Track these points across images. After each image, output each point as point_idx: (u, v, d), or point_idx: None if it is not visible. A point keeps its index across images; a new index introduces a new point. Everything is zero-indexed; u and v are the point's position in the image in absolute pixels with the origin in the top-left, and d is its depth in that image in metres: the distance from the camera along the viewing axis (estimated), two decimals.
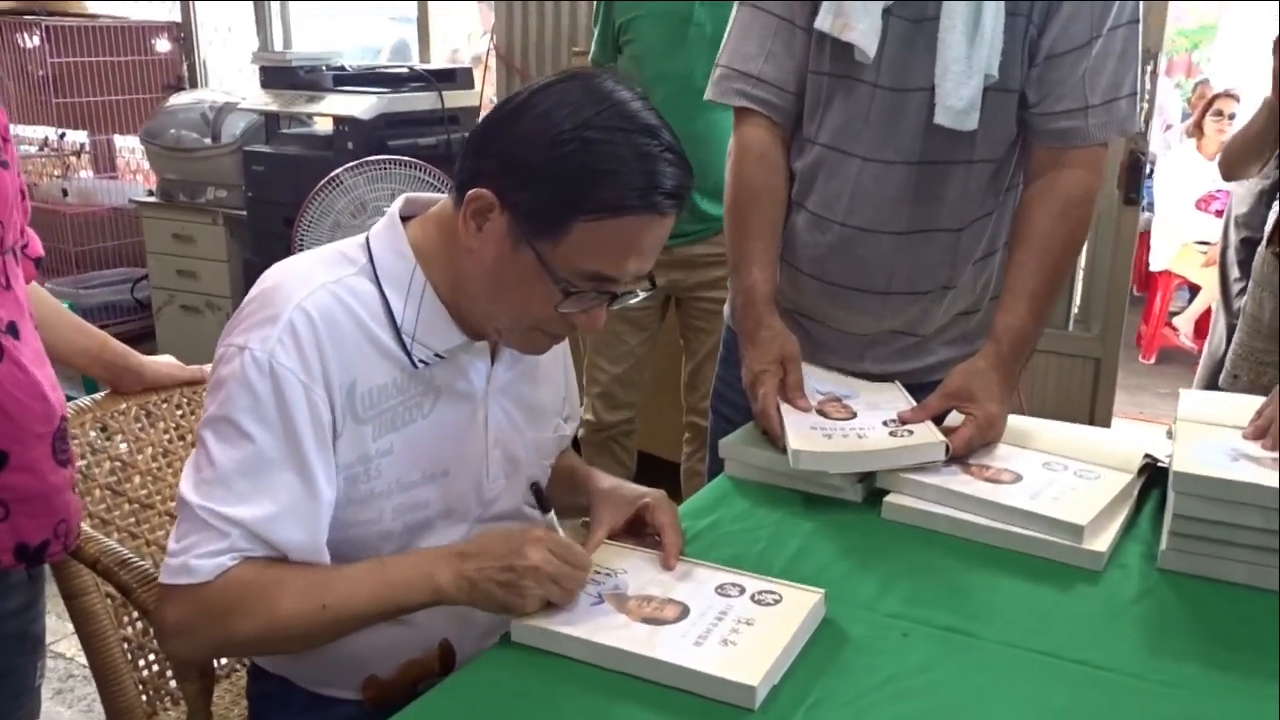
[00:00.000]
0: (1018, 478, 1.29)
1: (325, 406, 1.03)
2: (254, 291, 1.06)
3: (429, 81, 3.56)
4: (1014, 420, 1.42)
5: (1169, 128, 6.56)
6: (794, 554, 1.20)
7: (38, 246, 1.25)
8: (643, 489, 1.25)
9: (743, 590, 1.08)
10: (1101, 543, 1.18)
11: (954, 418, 1.38)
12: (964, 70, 1.34)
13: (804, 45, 1.45)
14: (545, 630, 1.01)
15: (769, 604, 1.05)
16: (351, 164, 2.80)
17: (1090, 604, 1.11)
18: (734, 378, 1.52)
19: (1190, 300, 5.50)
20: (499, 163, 1.02)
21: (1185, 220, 5.21)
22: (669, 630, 1.01)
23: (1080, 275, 3.16)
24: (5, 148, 1.08)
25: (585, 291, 1.04)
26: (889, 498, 1.28)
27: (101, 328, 1.43)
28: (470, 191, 1.03)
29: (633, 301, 1.12)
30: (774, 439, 1.35)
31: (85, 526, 1.20)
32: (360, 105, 3.39)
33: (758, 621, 1.02)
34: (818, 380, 1.48)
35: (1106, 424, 3.07)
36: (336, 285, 1.06)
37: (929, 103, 1.37)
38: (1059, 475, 1.30)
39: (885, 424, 1.35)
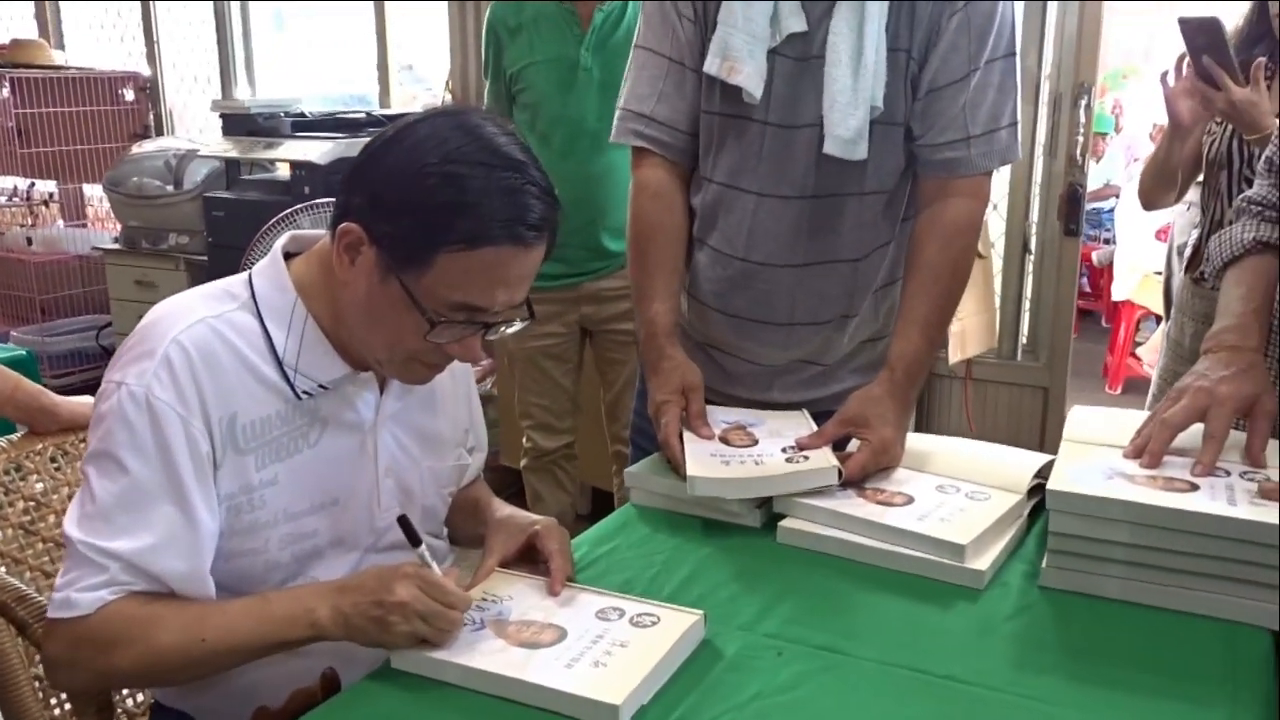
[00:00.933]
0: (909, 500, 1.31)
1: (204, 438, 1.05)
2: (136, 328, 1.09)
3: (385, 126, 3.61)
4: (915, 440, 1.45)
5: (1135, 160, 6.66)
6: (684, 578, 1.22)
7: None
8: (535, 517, 1.27)
9: (622, 614, 1.10)
10: (983, 561, 1.20)
11: (855, 444, 1.41)
12: (850, 101, 1.39)
13: (695, 86, 1.49)
14: (422, 656, 1.02)
15: (646, 625, 1.07)
16: (303, 205, 2.84)
17: (966, 621, 1.13)
18: (643, 408, 1.55)
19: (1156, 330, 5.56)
20: (368, 197, 1.06)
21: (1146, 251, 5.27)
22: (544, 653, 1.03)
23: (1027, 306, 3.21)
24: None
25: (454, 322, 1.06)
26: (783, 522, 1.31)
27: (67, 375, 1.45)
28: (341, 226, 1.06)
29: (510, 330, 1.14)
30: (676, 467, 1.37)
31: None
32: (317, 150, 3.44)
33: (632, 643, 1.04)
34: (724, 412, 1.50)
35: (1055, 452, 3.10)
36: (216, 320, 1.09)
37: (818, 137, 1.42)
38: (950, 497, 1.32)
39: (783, 450, 1.38)
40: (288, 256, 1.16)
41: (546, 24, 2.42)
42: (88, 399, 1.54)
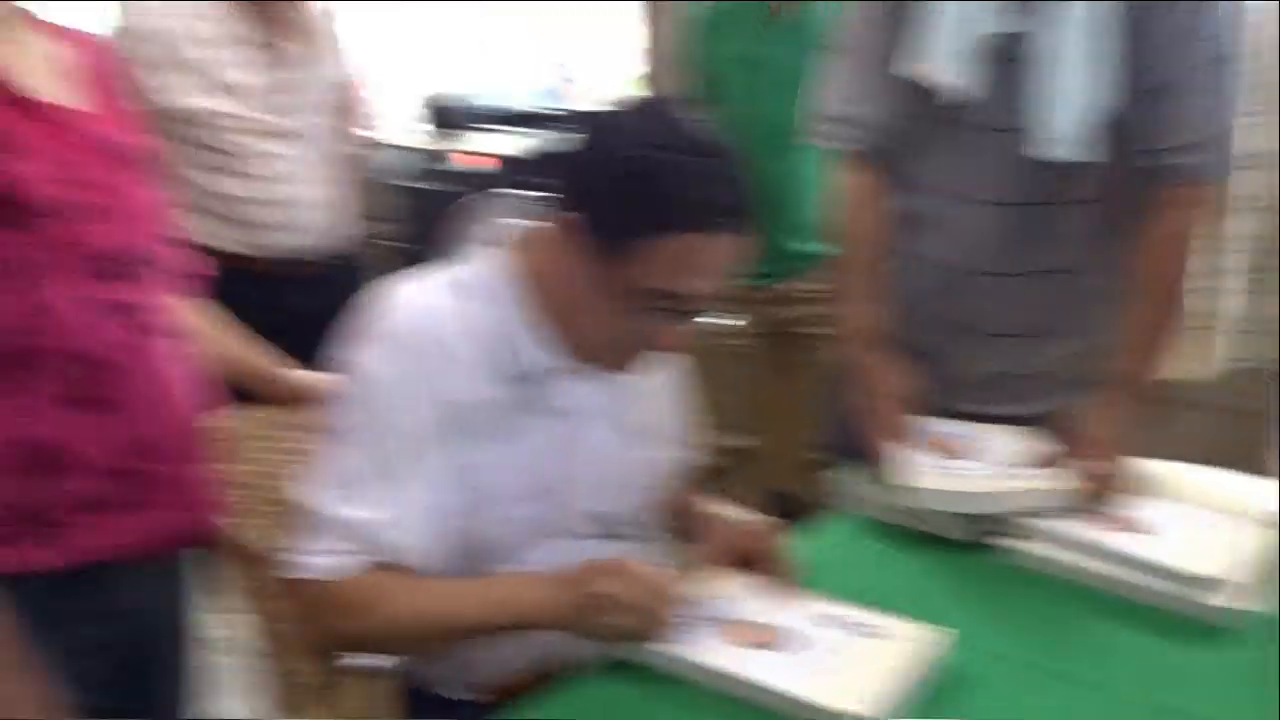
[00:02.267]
0: (1147, 527, 1.23)
1: (428, 416, 1.08)
2: (371, 310, 1.13)
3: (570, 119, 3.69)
4: (1144, 465, 1.36)
5: None
6: (903, 591, 1.18)
7: (189, 264, 1.36)
8: (752, 519, 1.25)
9: (846, 622, 1.07)
10: (1234, 598, 1.11)
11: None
12: (1062, 102, 1.31)
13: (896, 88, 1.43)
14: (649, 650, 1.02)
15: (873, 637, 1.04)
16: (502, 195, 2.92)
17: (1219, 660, 1.05)
18: (846, 414, 1.51)
19: None
20: (577, 187, 1.07)
21: None
22: (766, 654, 1.01)
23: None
24: (146, 171, 1.19)
25: (654, 308, 1.07)
26: (1013, 542, 1.25)
27: None
28: (556, 215, 1.08)
29: (713, 321, 1.13)
30: (884, 474, 1.33)
31: (234, 525, 1.28)
32: (517, 143, 3.55)
33: (860, 653, 1.01)
34: (935, 423, 1.45)
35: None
36: (445, 305, 1.11)
37: (1029, 140, 1.35)
38: (1189, 524, 1.23)
39: (1007, 466, 1.31)
40: (510, 248, 1.18)
41: (738, 19, 2.41)
42: (316, 374, 1.61)
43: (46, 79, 1.06)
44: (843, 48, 1.48)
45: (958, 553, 1.26)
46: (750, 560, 1.19)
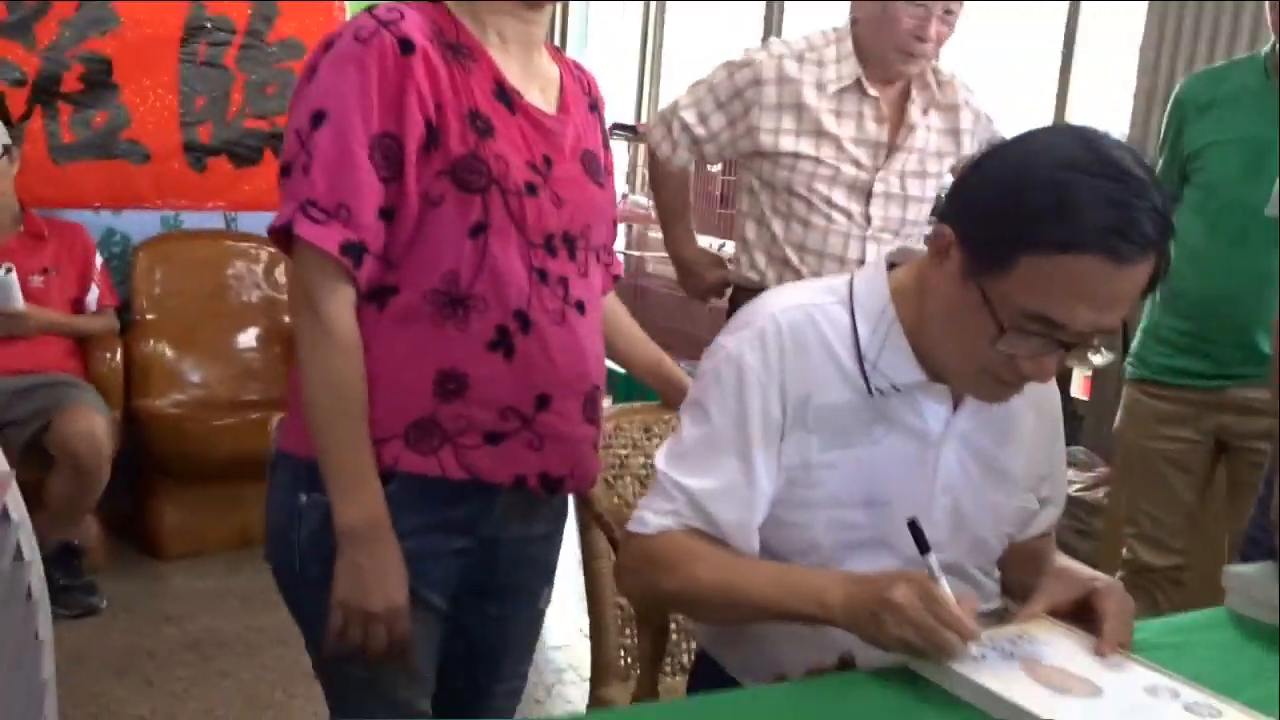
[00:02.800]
0: None
1: (778, 406, 1.14)
2: (749, 304, 1.23)
3: None
4: None
5: None
6: (1263, 694, 1.02)
7: (619, 268, 1.56)
8: (1097, 574, 1.16)
9: (1176, 695, 0.96)
10: None
11: None
12: None
13: None
14: (941, 666, 1.00)
15: (1204, 715, 0.93)
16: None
17: None
18: (1267, 515, 1.34)
19: None
20: (966, 201, 1.08)
21: None
22: (1072, 701, 0.94)
23: None
24: (608, 162, 1.40)
25: (1026, 331, 1.03)
26: None
27: None
28: (934, 228, 1.09)
29: (1096, 360, 1.07)
30: None
31: (602, 490, 1.45)
32: None
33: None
34: None
35: None
36: (814, 308, 1.18)
37: None
38: None
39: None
40: (891, 267, 1.22)
41: (1246, 99, 2.19)
42: None
43: (534, 88, 1.30)
44: None
45: None
46: (1088, 616, 1.11)
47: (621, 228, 4.70)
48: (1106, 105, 3.51)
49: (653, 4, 5.84)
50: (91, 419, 2.73)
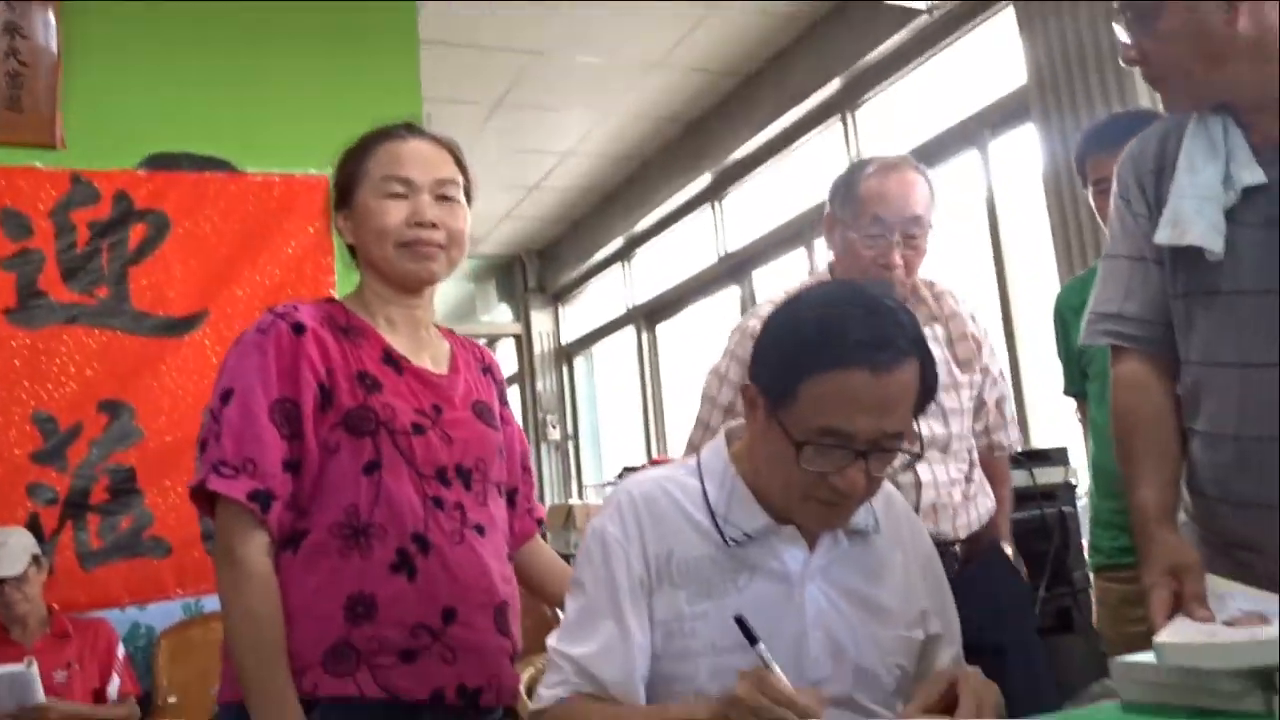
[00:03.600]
0: None
1: (640, 566, 1.26)
2: (616, 488, 1.38)
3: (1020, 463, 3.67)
4: None
5: None
6: None
7: (542, 513, 1.73)
8: (969, 669, 1.21)
9: None
10: None
11: None
12: None
13: (1159, 275, 1.45)
14: None
15: None
16: None
17: None
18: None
19: None
20: (758, 354, 1.27)
21: None
22: None
23: None
24: (504, 414, 1.60)
25: (822, 446, 1.17)
26: None
27: None
28: (742, 386, 1.27)
29: (895, 463, 1.20)
30: (1156, 649, 1.20)
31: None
32: None
33: None
34: (1246, 600, 1.28)
35: None
36: (665, 480, 1.33)
37: None
38: None
39: None
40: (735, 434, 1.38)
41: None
42: None
43: (424, 356, 1.53)
44: (1108, 255, 1.53)
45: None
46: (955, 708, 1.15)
47: None
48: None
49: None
50: None
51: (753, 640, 1.13)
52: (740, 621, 1.15)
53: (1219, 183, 1.37)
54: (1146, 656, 1.26)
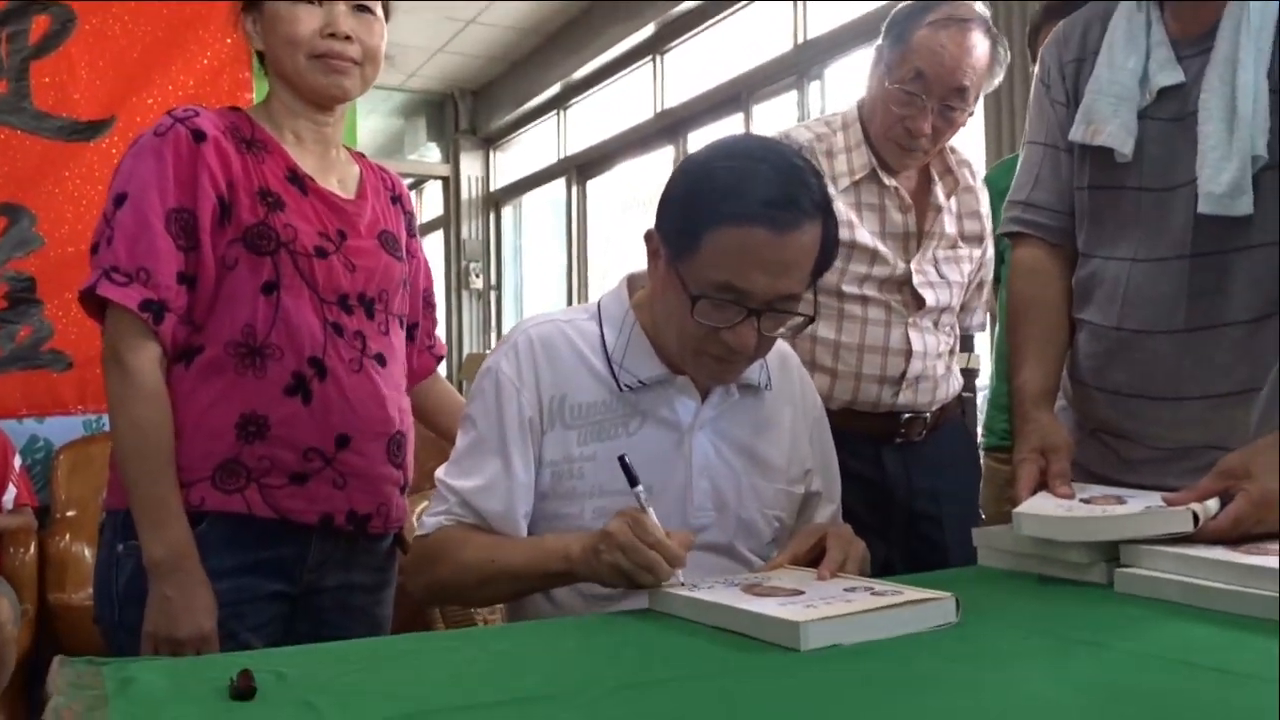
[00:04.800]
0: None
1: (532, 408, 1.28)
2: (514, 328, 1.38)
3: None
4: None
5: None
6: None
7: (442, 349, 1.72)
8: (839, 524, 1.27)
9: (870, 590, 1.06)
10: None
11: None
12: (1224, 154, 1.27)
13: (1069, 165, 1.46)
14: (668, 595, 1.09)
15: (884, 595, 1.02)
16: None
17: None
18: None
19: None
20: (664, 200, 1.26)
21: None
22: (771, 599, 1.03)
23: None
24: (411, 245, 1.58)
25: (717, 301, 1.18)
26: (1121, 569, 1.13)
27: None
28: (645, 232, 1.27)
29: (786, 325, 1.22)
30: (1015, 520, 1.27)
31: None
32: None
33: (858, 600, 1.01)
34: (1101, 488, 1.35)
35: None
36: (564, 323, 1.34)
37: (1195, 195, 1.31)
38: None
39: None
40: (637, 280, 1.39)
41: None
42: None
43: (331, 178, 1.48)
44: (1027, 141, 1.54)
45: (1082, 592, 1.16)
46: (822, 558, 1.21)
47: None
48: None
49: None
50: None
51: (633, 482, 1.16)
52: (623, 462, 1.17)
53: (1136, 82, 1.37)
54: (1006, 527, 1.33)
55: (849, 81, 4.55)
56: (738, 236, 1.16)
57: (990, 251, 2.09)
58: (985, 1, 1.83)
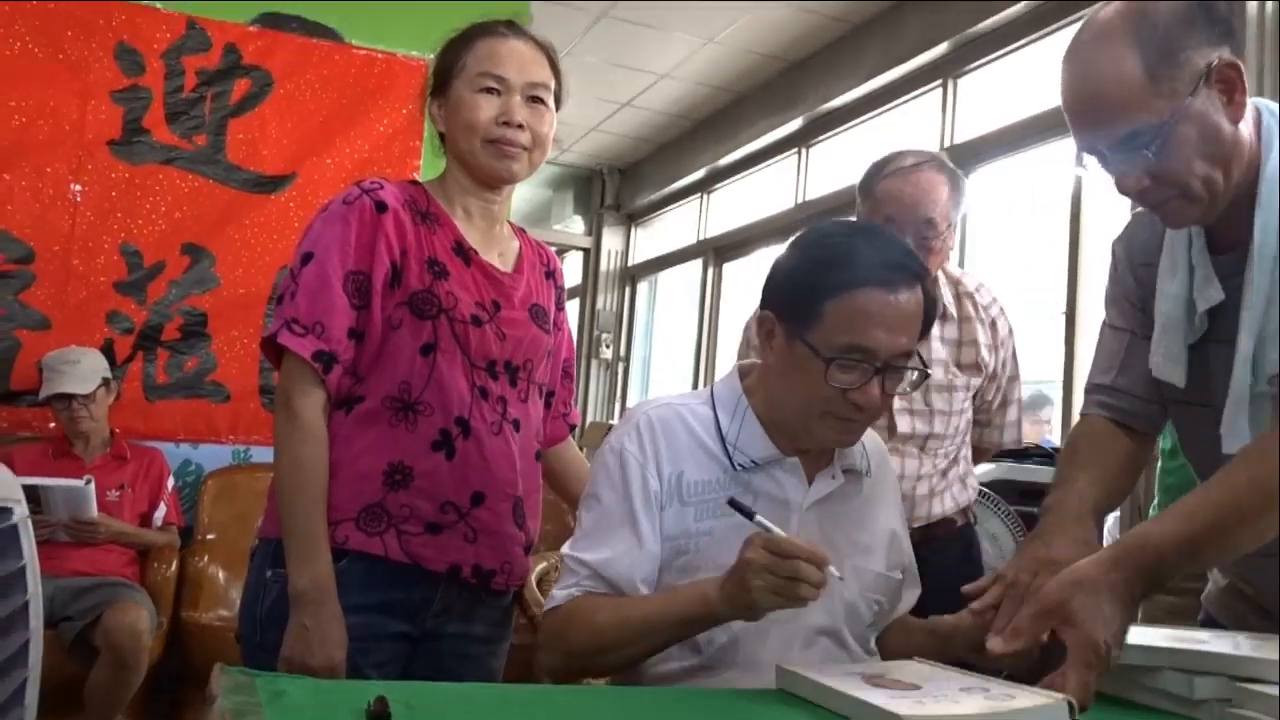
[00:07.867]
0: None
1: (655, 481, 1.35)
2: (633, 410, 1.45)
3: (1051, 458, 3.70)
4: None
5: None
6: None
7: (576, 418, 1.82)
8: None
9: (987, 691, 1.07)
10: None
11: None
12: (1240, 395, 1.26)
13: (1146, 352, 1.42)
14: (797, 675, 1.13)
15: (997, 698, 1.04)
16: None
17: None
18: None
19: None
20: (773, 286, 1.36)
21: None
22: (885, 691, 1.06)
23: None
24: (558, 319, 1.68)
25: (845, 364, 1.26)
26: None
27: None
28: (758, 315, 1.36)
29: (910, 379, 1.32)
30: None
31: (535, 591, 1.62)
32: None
33: (972, 702, 1.03)
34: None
35: None
36: (680, 406, 1.42)
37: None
38: None
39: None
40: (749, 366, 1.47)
41: None
42: None
43: (493, 252, 1.61)
44: (1106, 325, 1.50)
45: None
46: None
47: None
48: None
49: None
50: (137, 614, 2.97)
51: (749, 515, 1.22)
52: (734, 503, 1.24)
53: (1182, 309, 1.34)
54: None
55: (992, 186, 4.57)
56: (858, 299, 1.26)
57: (1007, 375, 2.13)
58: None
